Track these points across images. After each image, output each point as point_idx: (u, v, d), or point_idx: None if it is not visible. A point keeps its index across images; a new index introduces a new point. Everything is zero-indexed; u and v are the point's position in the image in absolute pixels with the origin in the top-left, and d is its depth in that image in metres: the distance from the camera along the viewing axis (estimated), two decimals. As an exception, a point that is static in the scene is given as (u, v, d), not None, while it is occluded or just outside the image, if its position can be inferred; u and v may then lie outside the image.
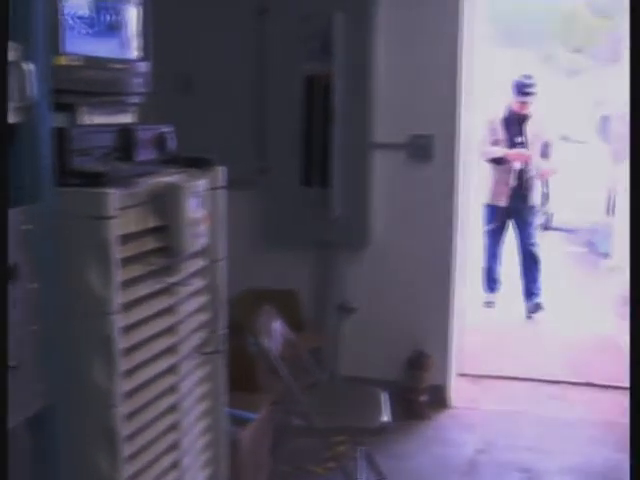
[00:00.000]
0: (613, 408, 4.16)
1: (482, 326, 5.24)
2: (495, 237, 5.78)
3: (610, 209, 4.90)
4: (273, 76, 4.14)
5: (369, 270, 4.17)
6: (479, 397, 4.28)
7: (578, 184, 7.66)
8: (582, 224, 7.68)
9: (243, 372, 3.63)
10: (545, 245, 6.11)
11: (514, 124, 5.60)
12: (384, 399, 3.24)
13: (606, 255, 5.28)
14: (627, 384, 4.28)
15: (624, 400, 4.23)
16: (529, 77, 5.68)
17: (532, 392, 4.33)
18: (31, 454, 1.63)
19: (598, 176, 6.98)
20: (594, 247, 6.44)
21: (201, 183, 2.08)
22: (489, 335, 5.18)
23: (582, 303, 4.98)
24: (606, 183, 5.06)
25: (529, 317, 5.69)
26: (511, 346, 4.97)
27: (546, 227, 7.93)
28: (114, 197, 1.70)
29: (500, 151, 5.58)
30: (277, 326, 3.34)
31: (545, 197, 7.04)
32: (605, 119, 7.64)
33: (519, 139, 5.55)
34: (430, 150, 4.04)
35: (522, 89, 5.59)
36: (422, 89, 4.05)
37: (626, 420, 3.88)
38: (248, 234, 4.35)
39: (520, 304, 5.74)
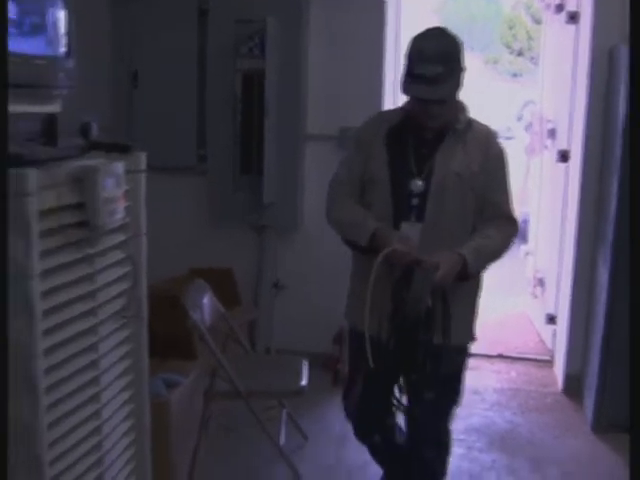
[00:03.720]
0: (518, 377, 4.52)
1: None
2: None
3: (525, 198, 5.25)
4: (213, 73, 4.44)
5: (300, 251, 4.49)
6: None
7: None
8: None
9: (182, 341, 3.94)
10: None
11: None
12: (304, 367, 3.54)
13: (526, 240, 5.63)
14: (534, 356, 4.69)
15: (529, 370, 4.61)
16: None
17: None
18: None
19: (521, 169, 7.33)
20: (521, 233, 6.78)
21: (118, 165, 2.31)
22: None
23: (501, 283, 5.32)
24: (522, 175, 5.42)
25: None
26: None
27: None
28: (32, 177, 1.94)
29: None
30: (207, 300, 3.63)
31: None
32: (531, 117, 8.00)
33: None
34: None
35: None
36: (351, 85, 4.37)
37: (529, 387, 4.27)
38: (193, 219, 4.65)
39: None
